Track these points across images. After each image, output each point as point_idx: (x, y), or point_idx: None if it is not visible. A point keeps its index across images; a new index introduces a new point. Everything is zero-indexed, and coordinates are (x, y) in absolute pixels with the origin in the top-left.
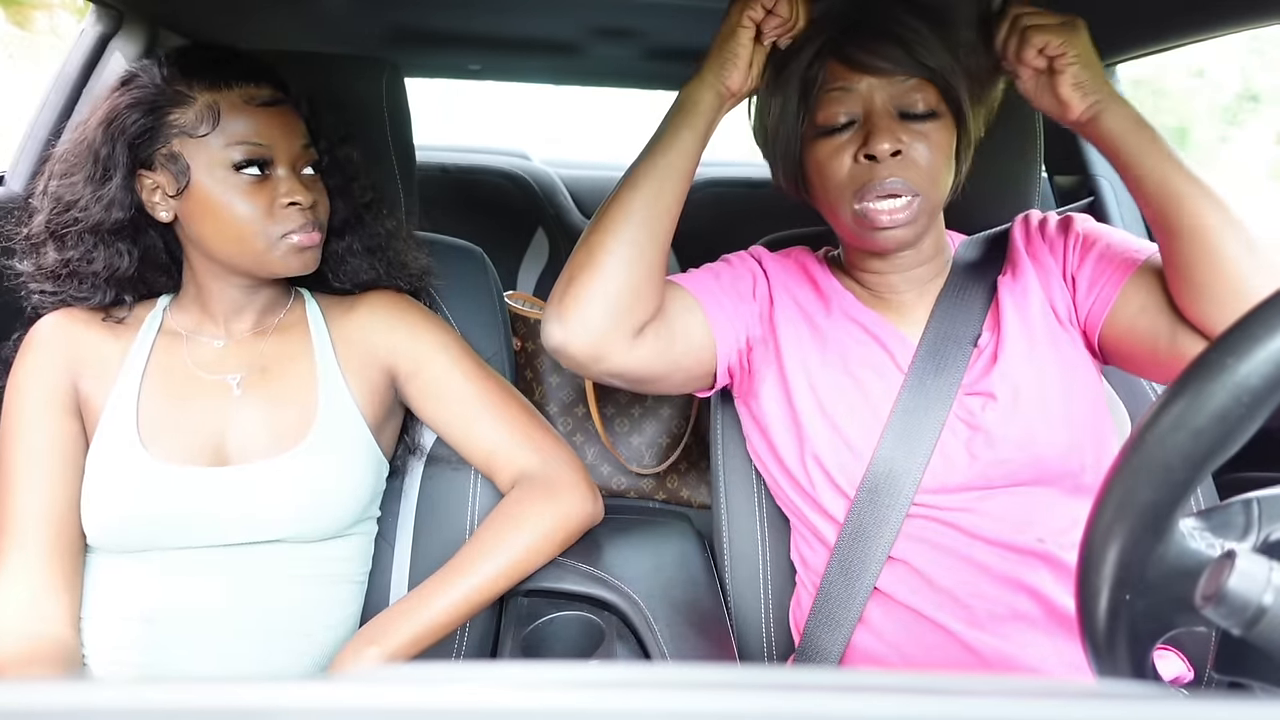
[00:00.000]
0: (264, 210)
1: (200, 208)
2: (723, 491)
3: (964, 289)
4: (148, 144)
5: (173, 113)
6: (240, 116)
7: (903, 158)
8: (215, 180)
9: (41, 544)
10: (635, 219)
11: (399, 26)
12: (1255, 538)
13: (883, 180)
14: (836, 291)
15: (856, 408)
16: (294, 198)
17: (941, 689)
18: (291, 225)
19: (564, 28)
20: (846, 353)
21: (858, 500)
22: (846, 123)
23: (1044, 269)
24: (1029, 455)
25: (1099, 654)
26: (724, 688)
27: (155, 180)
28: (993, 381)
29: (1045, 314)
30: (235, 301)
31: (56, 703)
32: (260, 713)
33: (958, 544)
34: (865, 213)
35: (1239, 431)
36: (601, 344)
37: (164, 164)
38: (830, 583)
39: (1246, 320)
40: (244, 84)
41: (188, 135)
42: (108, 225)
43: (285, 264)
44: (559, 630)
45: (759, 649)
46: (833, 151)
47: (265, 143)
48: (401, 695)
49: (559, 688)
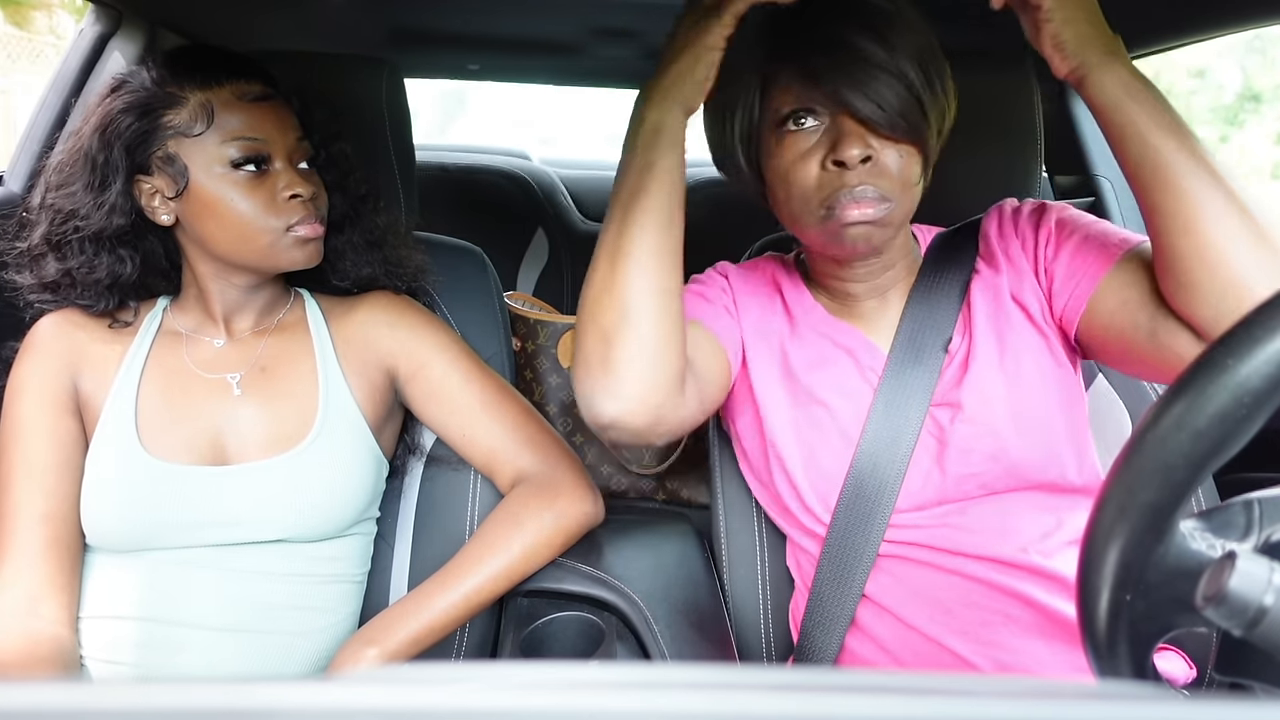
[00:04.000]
0: (265, 205)
1: (201, 207)
2: (720, 493)
3: (934, 289)
4: (143, 148)
5: (166, 114)
6: (234, 113)
7: (874, 164)
8: (214, 179)
9: (40, 544)
10: (653, 261)
11: (399, 26)
12: (1256, 538)
13: (853, 188)
14: (805, 305)
15: (826, 430)
16: (294, 190)
17: (941, 689)
18: (294, 217)
19: (564, 28)
20: (813, 375)
21: (836, 518)
22: (809, 123)
23: (1016, 263)
24: (1002, 466)
25: (1099, 655)
26: (724, 688)
27: (153, 184)
28: (962, 392)
29: (1017, 312)
30: (236, 301)
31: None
32: (260, 713)
33: (941, 560)
34: (833, 217)
35: (1240, 432)
36: (659, 405)
37: (161, 167)
38: (821, 586)
39: (1247, 320)
40: (234, 81)
41: (183, 136)
42: (110, 232)
43: (290, 257)
44: (559, 630)
45: (758, 649)
46: (798, 157)
47: (261, 137)
48: (401, 695)
49: (559, 688)
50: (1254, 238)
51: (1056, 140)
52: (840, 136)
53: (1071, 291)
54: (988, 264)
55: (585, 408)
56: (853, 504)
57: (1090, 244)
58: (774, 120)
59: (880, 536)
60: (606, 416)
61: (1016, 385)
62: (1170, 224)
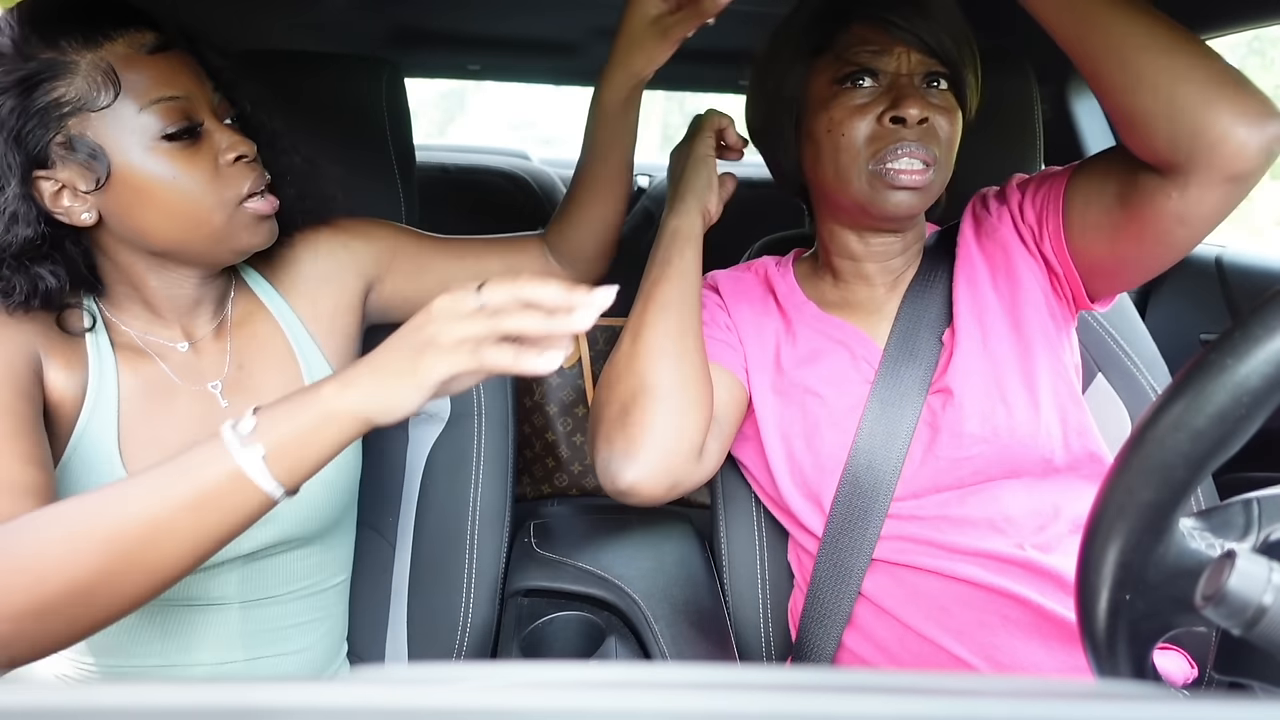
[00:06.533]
0: (208, 176)
1: (132, 196)
2: (720, 493)
3: (929, 281)
4: (35, 135)
5: (54, 87)
6: (139, 71)
7: (928, 126)
8: (143, 157)
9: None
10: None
11: (399, 26)
12: (1255, 538)
13: (909, 144)
14: (796, 301)
15: (820, 421)
16: (238, 150)
17: (941, 689)
18: (244, 185)
19: (564, 28)
20: (807, 374)
21: (834, 512)
22: (867, 84)
23: (996, 239)
24: (994, 448)
25: (1099, 654)
26: (724, 688)
27: (56, 179)
28: (950, 378)
29: (1000, 296)
30: (188, 300)
31: (56, 703)
32: (260, 713)
33: (939, 562)
34: (883, 173)
35: (1239, 432)
36: (674, 471)
37: (64, 156)
38: (819, 583)
39: (1246, 320)
40: (123, 30)
41: (86, 111)
42: (15, 248)
43: (249, 239)
44: (559, 630)
45: (757, 648)
46: (853, 110)
47: (183, 94)
48: (401, 695)
49: (559, 688)
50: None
51: (1056, 141)
52: (901, 96)
53: (1049, 220)
54: (967, 254)
55: (602, 474)
56: (850, 498)
57: (1044, 178)
58: (830, 79)
59: (878, 531)
60: (624, 483)
61: (1002, 367)
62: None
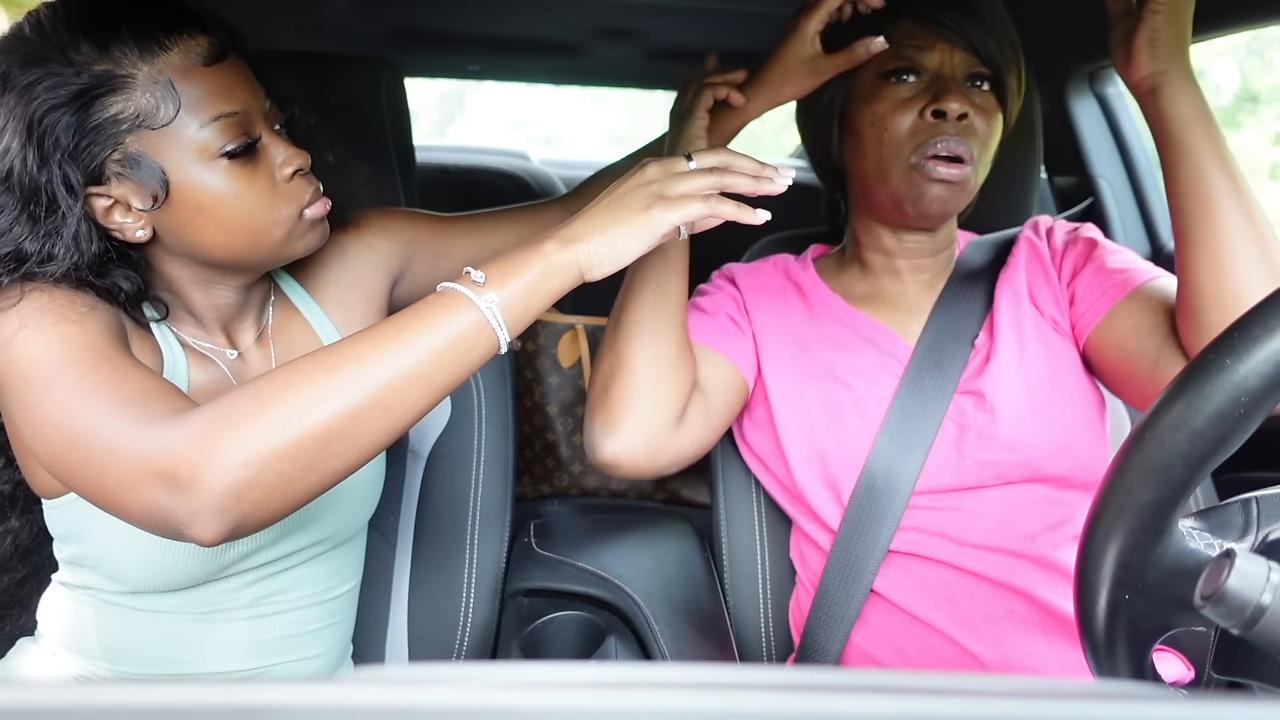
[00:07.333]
0: (268, 192)
1: (192, 214)
2: (721, 492)
3: (966, 289)
4: (90, 152)
5: (112, 102)
6: (200, 85)
7: (968, 123)
8: (203, 175)
9: None
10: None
11: (399, 26)
12: (1254, 537)
13: (948, 137)
14: (821, 295)
15: (845, 416)
16: (295, 165)
17: (941, 689)
18: (304, 198)
19: (565, 28)
20: (833, 360)
21: (852, 505)
22: (911, 80)
23: (1044, 275)
24: (1019, 456)
25: (1098, 654)
26: (724, 688)
27: (110, 195)
28: (984, 381)
29: (1040, 320)
30: (231, 308)
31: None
32: (260, 713)
33: (950, 554)
34: (922, 166)
35: (1237, 432)
36: (653, 441)
37: (121, 173)
38: (829, 582)
39: (1246, 320)
40: (179, 38)
41: (146, 128)
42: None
43: (305, 244)
44: (559, 630)
45: (758, 648)
46: (896, 105)
47: (240, 109)
48: (401, 695)
49: (559, 688)
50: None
51: (1056, 141)
52: (943, 91)
53: (1089, 307)
54: (1016, 272)
55: (588, 449)
56: (869, 491)
57: (1112, 269)
58: (875, 74)
59: (893, 531)
60: (606, 455)
61: (1035, 382)
62: (1200, 260)
